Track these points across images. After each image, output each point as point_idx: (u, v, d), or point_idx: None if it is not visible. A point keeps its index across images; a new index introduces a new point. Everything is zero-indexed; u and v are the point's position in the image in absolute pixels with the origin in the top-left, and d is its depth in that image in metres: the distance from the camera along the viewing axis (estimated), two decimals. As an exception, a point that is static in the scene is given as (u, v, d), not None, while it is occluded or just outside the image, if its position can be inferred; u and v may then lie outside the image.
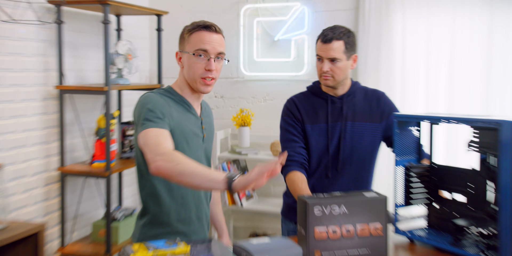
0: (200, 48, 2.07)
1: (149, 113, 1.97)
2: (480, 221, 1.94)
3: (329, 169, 2.57)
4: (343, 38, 2.46)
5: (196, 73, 2.08)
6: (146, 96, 2.08)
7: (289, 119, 2.62)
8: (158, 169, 1.78)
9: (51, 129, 3.41)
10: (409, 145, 2.20)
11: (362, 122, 2.58)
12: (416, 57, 3.88)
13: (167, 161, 1.77)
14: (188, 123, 2.11)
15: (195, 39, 2.09)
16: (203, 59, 2.08)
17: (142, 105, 2.03)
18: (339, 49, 2.45)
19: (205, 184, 1.74)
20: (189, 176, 1.74)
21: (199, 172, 1.74)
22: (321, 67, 2.48)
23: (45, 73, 3.35)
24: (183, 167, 1.75)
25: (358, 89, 2.63)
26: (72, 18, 3.58)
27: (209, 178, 1.73)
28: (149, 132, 1.91)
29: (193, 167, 1.76)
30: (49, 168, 3.41)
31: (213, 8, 4.49)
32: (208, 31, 2.09)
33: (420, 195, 2.18)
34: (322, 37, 2.47)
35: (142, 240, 2.10)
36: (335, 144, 2.56)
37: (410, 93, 3.89)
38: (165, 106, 2.03)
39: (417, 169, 2.17)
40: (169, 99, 2.10)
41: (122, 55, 3.68)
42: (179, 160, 1.77)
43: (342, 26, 2.52)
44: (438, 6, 3.79)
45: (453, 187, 2.08)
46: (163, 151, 1.82)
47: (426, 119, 2.05)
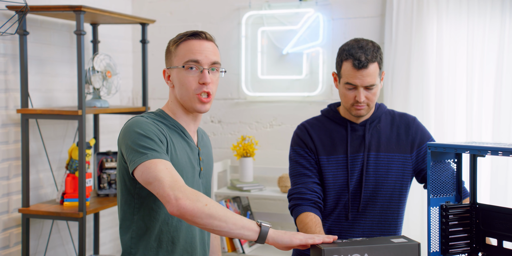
0: (190, 60, 2.08)
1: (146, 140, 1.97)
2: (534, 274, 1.92)
3: (348, 209, 2.56)
4: (377, 58, 2.46)
5: (189, 89, 2.08)
6: (135, 120, 2.06)
7: (300, 149, 2.61)
8: (182, 208, 1.81)
9: (12, 161, 3.41)
10: (446, 181, 2.18)
11: (388, 153, 2.58)
12: (456, 74, 3.89)
13: (194, 201, 1.81)
14: (184, 154, 2.11)
15: (183, 50, 2.11)
16: (196, 72, 2.08)
17: (132, 130, 2.01)
18: (375, 73, 2.45)
19: (236, 231, 1.82)
20: (219, 220, 1.81)
21: (231, 217, 1.82)
22: (354, 96, 2.47)
23: (5, 94, 3.36)
24: (213, 209, 1.81)
25: (383, 114, 2.64)
26: (38, 28, 3.62)
27: (242, 225, 1.82)
28: (157, 165, 1.90)
29: (224, 210, 1.83)
30: (9, 209, 3.41)
31: (209, 15, 4.54)
32: (197, 39, 2.11)
33: (460, 242, 2.15)
34: (356, 62, 2.44)
35: None
36: (356, 179, 2.56)
37: (448, 118, 3.90)
38: (160, 133, 2.03)
39: (456, 210, 2.14)
40: (162, 125, 2.10)
41: (99, 72, 3.70)
42: (207, 201, 1.83)
43: (367, 41, 2.51)
44: (483, 11, 3.79)
45: (502, 232, 2.05)
46: (184, 188, 1.84)
47: (467, 149, 2.02)
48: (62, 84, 3.83)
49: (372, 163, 2.56)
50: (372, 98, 2.48)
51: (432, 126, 3.81)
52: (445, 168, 2.17)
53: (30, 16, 3.47)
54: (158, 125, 2.07)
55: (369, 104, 2.49)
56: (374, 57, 2.45)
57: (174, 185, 1.84)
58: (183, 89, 2.10)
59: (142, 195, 2.05)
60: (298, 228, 2.47)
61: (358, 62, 2.43)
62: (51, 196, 3.72)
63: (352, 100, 2.48)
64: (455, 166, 2.19)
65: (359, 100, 2.45)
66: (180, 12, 4.60)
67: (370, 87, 2.45)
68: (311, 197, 2.50)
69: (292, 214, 2.51)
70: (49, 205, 3.48)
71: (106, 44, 4.30)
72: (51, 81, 3.74)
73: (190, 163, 2.12)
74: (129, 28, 4.65)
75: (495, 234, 2.07)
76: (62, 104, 3.82)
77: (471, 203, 2.16)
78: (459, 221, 2.14)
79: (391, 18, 3.99)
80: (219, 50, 2.18)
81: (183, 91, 2.10)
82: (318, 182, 2.56)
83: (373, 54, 2.45)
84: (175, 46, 2.13)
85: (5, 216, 3.38)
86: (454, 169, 2.19)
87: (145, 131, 2.00)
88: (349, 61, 2.46)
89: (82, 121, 3.33)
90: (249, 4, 4.39)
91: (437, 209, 2.14)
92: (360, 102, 2.46)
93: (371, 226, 2.56)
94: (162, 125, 2.09)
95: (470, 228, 2.15)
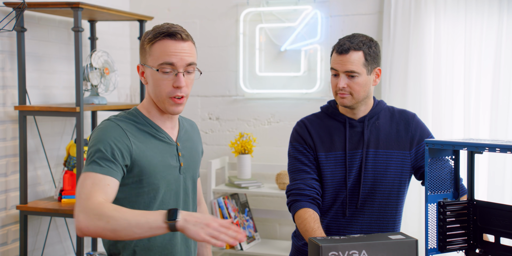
0: (165, 62, 2.05)
1: (97, 153, 1.98)
2: (531, 270, 1.93)
3: (346, 206, 2.57)
4: (363, 48, 2.47)
5: (163, 92, 2.07)
6: (100, 127, 2.08)
7: (299, 145, 2.62)
8: (82, 230, 1.82)
9: (9, 158, 3.42)
10: (443, 178, 2.19)
11: (387, 150, 2.58)
12: (453, 71, 3.90)
13: (95, 220, 1.80)
14: (155, 153, 2.11)
15: (157, 50, 2.07)
16: (170, 75, 2.07)
17: (93, 138, 2.05)
18: (357, 61, 2.46)
19: (148, 234, 1.80)
20: (125, 230, 1.78)
21: (136, 224, 1.77)
22: (336, 83, 2.49)
23: (3, 90, 3.37)
24: (115, 222, 1.78)
25: (382, 110, 2.64)
26: (35, 25, 3.62)
27: (149, 227, 1.78)
28: (87, 179, 1.92)
29: (126, 218, 1.79)
30: (7, 206, 3.41)
31: (207, 12, 4.54)
32: (173, 39, 2.07)
33: (457, 239, 2.16)
34: (338, 47, 2.49)
35: None
36: (355, 176, 2.57)
37: (446, 115, 3.91)
38: (120, 141, 2.03)
39: (454, 206, 2.15)
40: (131, 127, 2.10)
41: (97, 69, 3.70)
42: (109, 215, 1.79)
43: (362, 35, 2.53)
44: (481, 8, 3.80)
45: (499, 229, 2.06)
46: (90, 208, 1.83)
47: (465, 146, 2.03)
48: (60, 81, 3.84)
49: (371, 160, 2.56)
50: (355, 88, 2.47)
51: (429, 123, 3.82)
52: (443, 165, 2.18)
53: (28, 12, 3.48)
54: (123, 129, 2.07)
55: (353, 93, 2.48)
56: (359, 46, 2.47)
57: (82, 205, 1.84)
58: (157, 91, 2.08)
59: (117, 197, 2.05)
60: (296, 224, 2.47)
61: (339, 47, 2.48)
62: (49, 193, 3.72)
63: (335, 87, 2.50)
64: (452, 163, 2.20)
65: (339, 86, 2.47)
66: (178, 8, 4.61)
67: (352, 75, 2.46)
68: (310, 193, 2.51)
69: (290, 210, 2.52)
70: (47, 202, 3.49)
71: (104, 41, 4.30)
72: (49, 78, 3.75)
73: (164, 161, 2.12)
74: (127, 25, 4.66)
75: (493, 230, 2.08)
76: (60, 101, 3.82)
77: (468, 200, 2.17)
78: (457, 218, 2.15)
79: (389, 15, 3.99)
80: (195, 48, 2.15)
81: (157, 93, 2.09)
82: (316, 178, 2.57)
83: (360, 44, 2.48)
84: (150, 44, 2.09)
85: (3, 213, 3.38)
86: (452, 166, 2.20)
87: (101, 142, 2.01)
88: (335, 48, 2.52)
89: (80, 118, 3.34)
90: (247, 1, 4.39)
91: (435, 205, 2.15)
92: (340, 89, 2.47)
93: (369, 223, 2.56)
94: (132, 128, 2.10)
95: (468, 225, 2.16)
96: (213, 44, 4.53)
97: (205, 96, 4.56)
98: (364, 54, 2.47)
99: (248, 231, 4.18)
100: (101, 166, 1.95)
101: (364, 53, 2.47)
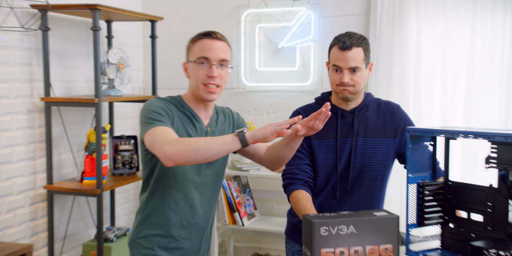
0: (201, 56, 2.19)
1: (152, 113, 2.12)
2: (499, 242, 1.95)
3: (337, 188, 2.57)
4: (362, 44, 2.46)
5: (198, 79, 2.19)
6: (148, 101, 2.20)
7: None
8: (171, 156, 1.94)
9: (37, 144, 3.43)
10: (423, 162, 2.20)
11: (374, 138, 2.57)
12: (432, 66, 3.89)
13: (177, 146, 1.94)
14: (186, 133, 2.21)
15: (197, 47, 2.22)
16: (205, 67, 2.19)
17: (144, 108, 2.16)
18: (359, 57, 2.44)
19: (223, 149, 1.95)
20: (204, 148, 1.93)
21: (212, 142, 1.95)
22: (339, 78, 2.46)
23: (30, 83, 3.38)
24: (195, 144, 1.94)
25: (371, 102, 2.63)
26: (58, 24, 3.62)
27: (223, 142, 1.95)
28: (154, 131, 2.04)
29: (204, 140, 1.97)
30: (36, 186, 3.43)
31: (212, 13, 4.53)
32: (209, 38, 2.21)
33: (434, 215, 2.18)
34: (341, 44, 2.45)
35: (134, 240, 2.31)
36: (345, 161, 2.56)
37: (425, 105, 3.91)
38: (167, 109, 2.17)
39: (431, 186, 2.17)
40: (172, 106, 2.23)
41: (113, 64, 3.71)
42: (188, 141, 1.96)
43: (355, 32, 2.52)
44: (457, 10, 3.80)
45: (470, 206, 2.08)
46: (169, 141, 1.96)
47: (442, 133, 2.05)
48: (80, 75, 3.84)
49: (360, 147, 2.55)
50: (357, 81, 2.46)
51: (411, 112, 3.82)
52: (422, 150, 2.19)
53: (51, 13, 3.47)
54: (167, 104, 2.21)
55: (355, 85, 2.46)
56: (358, 43, 2.45)
57: (163, 142, 1.97)
58: (193, 79, 2.22)
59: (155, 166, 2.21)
60: (291, 204, 2.48)
61: (342, 44, 2.44)
62: (72, 175, 3.74)
63: (338, 81, 2.47)
64: (431, 148, 2.21)
65: (343, 81, 2.44)
66: (186, 10, 4.60)
67: (354, 70, 2.44)
68: (303, 177, 2.51)
69: (285, 192, 2.53)
70: (70, 183, 3.51)
71: (119, 39, 4.30)
72: (71, 73, 3.75)
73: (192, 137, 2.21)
74: (139, 24, 4.65)
75: (465, 207, 2.11)
76: (80, 93, 3.84)
77: (444, 181, 2.19)
78: (434, 197, 2.17)
79: (375, 16, 3.99)
80: (230, 49, 2.28)
81: (194, 81, 2.22)
82: (309, 164, 2.56)
83: (358, 40, 2.45)
84: (192, 43, 2.25)
85: (32, 192, 3.41)
86: (430, 151, 2.21)
87: (153, 107, 2.14)
88: (336, 46, 2.48)
89: (99, 108, 3.35)
90: (248, 3, 4.39)
91: (415, 186, 2.17)
92: (344, 83, 2.45)
93: (357, 203, 2.56)
94: (172, 106, 2.22)
95: (443, 203, 2.18)
96: (217, 42, 4.51)
97: (210, 88, 4.55)
98: (363, 50, 2.46)
99: (248, 209, 4.20)
100: (161, 121, 2.09)
101: (363, 49, 2.46)
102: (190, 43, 2.27)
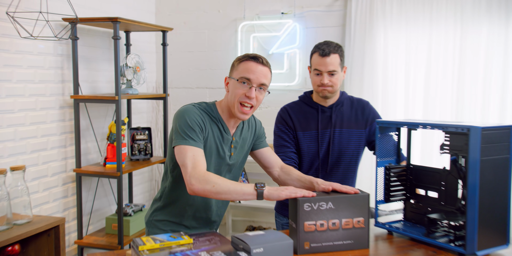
0: (244, 76, 2.04)
1: (187, 128, 1.99)
2: (450, 214, 1.97)
3: (319, 171, 2.58)
4: (338, 51, 2.46)
5: (236, 97, 2.05)
6: (187, 108, 2.06)
7: (282, 126, 2.62)
8: (196, 191, 1.88)
9: (67, 134, 3.44)
10: (389, 149, 2.21)
11: (349, 129, 2.58)
12: (396, 69, 3.90)
13: (204, 184, 1.87)
14: (216, 140, 2.11)
15: (242, 67, 2.06)
16: (245, 87, 2.05)
17: (182, 116, 2.03)
18: (336, 62, 2.45)
19: (240, 197, 1.87)
20: (225, 193, 1.86)
21: (234, 189, 1.86)
22: (320, 80, 2.47)
23: (62, 84, 3.38)
24: (219, 187, 1.86)
25: (345, 99, 2.64)
26: (85, 34, 3.61)
27: (242, 193, 1.86)
28: (187, 151, 1.95)
29: (227, 185, 1.87)
30: (67, 169, 3.44)
31: (214, 25, 4.52)
32: (255, 62, 2.06)
33: (398, 193, 2.19)
34: (321, 52, 2.45)
35: (151, 220, 2.23)
36: (325, 149, 2.57)
37: (391, 101, 3.92)
38: (202, 123, 2.04)
39: (396, 169, 2.18)
40: (206, 116, 2.08)
41: (131, 67, 3.71)
42: (215, 182, 1.87)
43: (332, 41, 2.52)
44: (416, 23, 3.82)
45: (427, 185, 2.10)
46: (198, 175, 1.88)
47: (404, 125, 2.06)
48: (103, 77, 3.83)
49: (337, 136, 2.57)
50: (335, 82, 2.47)
51: (379, 107, 3.83)
52: (388, 138, 2.20)
53: (80, 25, 3.47)
54: (202, 115, 2.06)
55: (333, 86, 2.48)
56: (335, 50, 2.45)
57: (192, 172, 1.89)
58: (232, 96, 2.07)
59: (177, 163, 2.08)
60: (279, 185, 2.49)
61: (322, 51, 2.44)
62: (96, 160, 3.75)
63: (319, 83, 2.48)
64: (396, 137, 2.22)
65: (323, 82, 2.45)
66: (192, 22, 4.58)
67: (332, 73, 2.45)
68: (289, 162, 2.51)
69: None
70: (95, 167, 3.52)
71: (136, 46, 4.29)
72: (95, 75, 3.75)
73: (219, 147, 2.11)
74: (153, 34, 4.64)
75: (423, 186, 2.12)
76: (103, 92, 3.83)
77: (406, 165, 2.20)
78: (398, 178, 2.18)
79: (350, 28, 3.99)
80: (271, 74, 2.12)
81: (232, 97, 2.07)
82: (295, 151, 2.57)
83: (335, 48, 2.46)
84: (238, 62, 2.09)
85: (64, 174, 3.42)
86: (395, 139, 2.22)
87: (190, 121, 2.01)
88: (316, 53, 2.47)
89: (119, 104, 3.35)
90: (244, 16, 4.39)
91: (382, 169, 2.18)
92: (324, 84, 2.46)
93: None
94: (206, 116, 2.08)
95: (405, 183, 2.19)
96: (218, 49, 4.52)
97: (211, 88, 4.56)
98: (339, 56, 2.46)
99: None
100: (195, 140, 1.98)
101: (339, 55, 2.46)
102: (236, 61, 2.10)
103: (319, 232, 1.85)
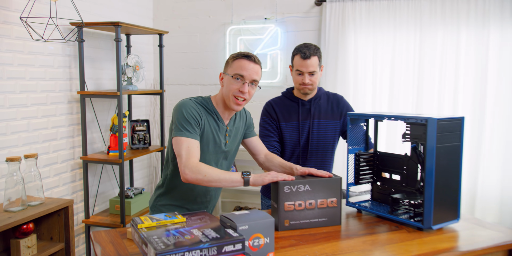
0: (238, 73, 2.02)
1: (184, 121, 1.97)
2: (411, 194, 2.00)
3: (300, 157, 2.59)
4: (317, 53, 2.45)
5: (230, 91, 2.03)
6: (185, 102, 2.04)
7: (267, 118, 2.61)
8: (188, 180, 1.87)
9: (75, 126, 3.41)
10: (359, 137, 2.22)
11: (326, 120, 2.59)
12: (365, 68, 3.91)
13: (196, 174, 1.86)
14: (213, 130, 2.09)
15: (236, 65, 2.04)
16: (239, 82, 2.02)
17: (180, 110, 2.01)
18: (316, 63, 2.44)
19: (229, 184, 1.87)
20: (216, 181, 1.86)
21: (223, 178, 1.86)
22: (301, 79, 2.46)
23: (70, 81, 3.35)
24: (210, 177, 1.85)
25: (322, 94, 2.64)
26: (90, 37, 3.58)
27: (231, 181, 1.86)
28: (183, 143, 1.93)
29: (217, 174, 1.86)
30: (74, 157, 3.42)
31: (205, 28, 4.49)
32: (248, 60, 2.04)
33: (366, 176, 2.21)
34: (302, 55, 2.43)
35: (155, 205, 2.20)
36: (305, 138, 2.57)
37: (360, 96, 3.93)
38: (198, 116, 2.02)
39: (365, 156, 2.20)
40: (202, 109, 2.06)
41: (131, 66, 3.68)
42: (206, 171, 1.86)
43: (311, 43, 2.50)
44: (382, 28, 3.83)
45: (392, 169, 2.12)
46: (191, 165, 1.87)
47: (372, 117, 2.07)
48: (106, 75, 3.80)
49: (316, 127, 2.57)
50: (314, 81, 2.47)
51: (351, 100, 3.85)
52: (358, 129, 2.21)
53: (85, 29, 3.44)
54: (198, 108, 2.04)
55: (313, 84, 2.48)
56: (315, 52, 2.44)
57: (186, 163, 1.88)
58: (227, 90, 2.05)
59: None
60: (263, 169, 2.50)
61: (303, 54, 2.42)
62: (101, 149, 3.73)
63: (300, 82, 2.48)
64: (364, 128, 2.23)
65: (305, 82, 2.46)
66: (185, 26, 4.55)
67: (312, 73, 2.45)
68: (272, 150, 2.51)
69: None
70: (100, 155, 3.50)
71: (136, 47, 4.26)
72: (99, 73, 3.72)
73: (215, 136, 2.09)
74: (151, 37, 4.60)
75: (388, 170, 2.14)
76: (106, 88, 3.80)
77: (374, 151, 2.22)
78: (366, 163, 2.20)
79: (325, 31, 3.99)
80: (261, 71, 2.09)
81: (226, 92, 2.05)
82: (277, 140, 2.57)
83: (314, 50, 2.44)
84: (233, 60, 2.06)
85: (72, 161, 3.40)
86: (364, 129, 2.23)
87: (187, 114, 1.99)
88: (298, 55, 2.46)
89: (120, 99, 3.33)
90: (231, 21, 4.37)
91: (353, 155, 2.20)
92: (305, 83, 2.47)
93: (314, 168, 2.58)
94: (202, 109, 2.06)
95: (373, 167, 2.21)
96: (209, 50, 4.50)
97: (203, 84, 4.54)
98: (318, 57, 2.45)
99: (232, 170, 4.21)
100: (190, 132, 1.96)
101: (318, 57, 2.45)
102: (230, 59, 2.07)
103: (297, 211, 1.86)
